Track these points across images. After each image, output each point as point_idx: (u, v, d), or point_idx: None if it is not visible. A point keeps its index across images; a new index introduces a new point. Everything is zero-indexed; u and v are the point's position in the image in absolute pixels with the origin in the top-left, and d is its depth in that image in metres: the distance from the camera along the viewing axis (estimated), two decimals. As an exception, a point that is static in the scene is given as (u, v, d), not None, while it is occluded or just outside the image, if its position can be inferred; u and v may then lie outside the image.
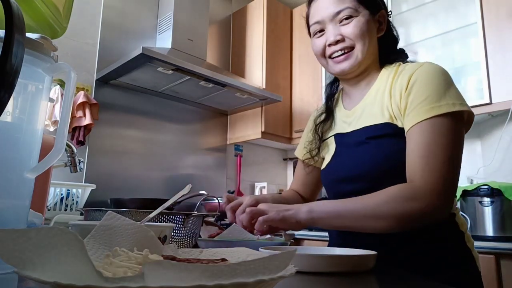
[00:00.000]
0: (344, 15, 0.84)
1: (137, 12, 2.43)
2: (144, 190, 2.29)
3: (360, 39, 0.84)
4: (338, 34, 0.85)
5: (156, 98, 2.45)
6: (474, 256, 0.81)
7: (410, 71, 0.80)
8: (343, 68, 0.86)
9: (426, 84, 0.76)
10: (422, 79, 0.77)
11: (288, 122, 2.86)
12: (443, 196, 0.70)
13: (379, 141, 0.81)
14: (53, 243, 0.25)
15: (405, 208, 0.69)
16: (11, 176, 0.46)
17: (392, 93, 0.82)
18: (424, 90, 0.75)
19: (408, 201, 0.69)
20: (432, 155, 0.71)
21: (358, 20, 0.84)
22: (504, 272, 1.51)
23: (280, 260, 0.26)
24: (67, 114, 0.52)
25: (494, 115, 2.09)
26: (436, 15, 2.28)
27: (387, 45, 0.92)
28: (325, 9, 0.86)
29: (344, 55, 0.86)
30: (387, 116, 0.82)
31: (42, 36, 0.54)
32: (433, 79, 0.76)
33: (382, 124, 0.82)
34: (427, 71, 0.78)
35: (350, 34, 0.84)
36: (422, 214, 0.69)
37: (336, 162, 0.91)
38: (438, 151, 0.71)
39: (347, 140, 0.90)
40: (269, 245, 0.78)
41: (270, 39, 2.78)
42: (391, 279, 0.57)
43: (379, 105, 0.84)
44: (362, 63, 0.86)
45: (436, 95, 0.74)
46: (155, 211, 0.72)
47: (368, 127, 0.84)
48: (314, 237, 2.21)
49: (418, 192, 0.70)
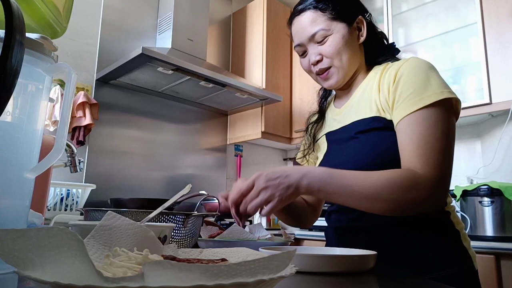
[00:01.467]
0: (319, 36, 0.87)
1: (137, 12, 2.43)
2: (144, 190, 2.29)
3: (336, 56, 0.87)
4: (318, 53, 0.89)
5: (156, 98, 2.45)
6: (471, 255, 0.81)
7: (396, 66, 0.82)
8: (330, 84, 0.91)
9: (413, 76, 0.77)
10: (408, 72, 0.79)
11: (288, 122, 2.86)
12: (442, 186, 0.72)
13: (368, 135, 0.83)
14: (53, 243, 0.25)
15: (407, 196, 0.70)
16: (11, 176, 0.46)
17: (380, 87, 0.84)
18: (411, 83, 0.77)
19: (411, 190, 0.70)
20: (428, 146, 0.72)
21: (333, 38, 0.87)
22: (504, 272, 1.51)
23: (280, 260, 0.26)
24: (67, 114, 0.52)
25: (494, 115, 2.09)
26: (436, 15, 2.28)
27: (373, 47, 0.94)
28: (302, 31, 0.90)
29: (326, 73, 0.89)
30: (374, 109, 0.83)
31: (42, 36, 0.54)
32: (419, 71, 0.78)
33: (370, 118, 0.84)
34: (412, 64, 0.80)
35: (327, 53, 0.87)
36: (422, 202, 0.71)
37: (328, 159, 0.93)
38: (432, 141, 0.72)
39: (337, 137, 0.92)
40: (269, 245, 0.78)
41: (270, 39, 2.79)
42: (391, 279, 0.57)
43: (367, 100, 0.86)
44: (346, 75, 0.90)
45: (423, 86, 0.76)
46: (155, 211, 0.72)
47: (357, 121, 0.86)
48: (314, 237, 2.22)
49: (420, 181, 0.70)
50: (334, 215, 0.93)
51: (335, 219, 0.92)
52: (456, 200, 1.89)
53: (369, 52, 0.94)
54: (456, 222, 0.83)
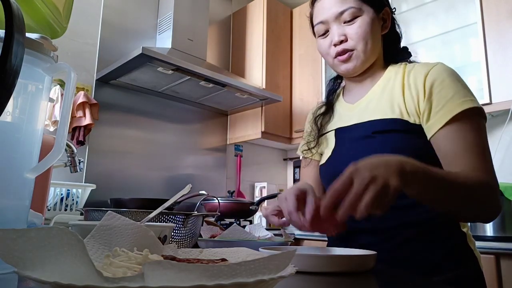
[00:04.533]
0: (348, 15, 0.84)
1: (137, 12, 2.43)
2: (144, 190, 2.29)
3: (362, 40, 0.84)
4: (342, 34, 0.85)
5: (156, 98, 2.45)
6: (476, 256, 0.80)
7: (422, 70, 0.81)
8: (348, 68, 0.87)
9: (450, 82, 0.77)
10: (443, 79, 0.78)
11: (288, 122, 2.86)
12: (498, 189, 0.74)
13: (386, 136, 0.80)
14: (53, 243, 0.25)
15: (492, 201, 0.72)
16: (11, 176, 0.46)
17: (405, 90, 0.82)
18: (450, 88, 0.77)
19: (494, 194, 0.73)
20: (484, 155, 0.74)
21: (362, 19, 0.84)
22: (504, 272, 1.51)
23: (280, 260, 0.26)
24: (67, 114, 0.52)
25: (494, 115, 2.09)
26: (436, 15, 2.28)
27: (391, 43, 0.93)
28: (328, 9, 0.86)
29: (347, 55, 0.85)
30: (397, 112, 0.81)
31: (42, 36, 0.54)
32: (454, 78, 0.78)
33: (391, 119, 0.81)
34: (444, 71, 0.79)
35: (353, 34, 0.84)
36: (494, 213, 0.74)
37: (337, 156, 0.89)
38: (484, 150, 0.74)
39: (349, 134, 0.89)
40: (269, 245, 0.78)
41: (270, 39, 2.78)
42: (391, 279, 0.57)
43: (388, 101, 0.84)
44: (366, 62, 0.87)
45: (463, 92, 0.76)
46: (155, 211, 0.72)
47: (375, 121, 0.83)
48: (314, 237, 2.22)
49: (494, 190, 0.73)
50: None
51: None
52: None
53: (387, 47, 0.92)
54: (462, 224, 0.82)
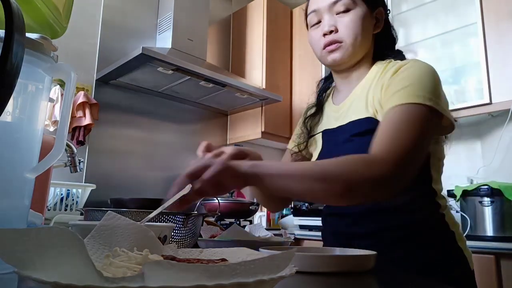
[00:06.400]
0: (341, 6, 0.85)
1: (137, 12, 2.43)
2: (144, 190, 2.29)
3: (352, 33, 0.84)
4: (333, 24, 0.85)
5: (156, 98, 2.45)
6: (466, 255, 0.80)
7: (399, 64, 0.80)
8: (335, 57, 0.86)
9: (413, 72, 0.75)
10: (409, 69, 0.76)
11: (288, 122, 2.86)
12: (401, 168, 0.64)
13: (362, 139, 0.79)
14: (53, 243, 0.25)
15: (357, 172, 0.63)
16: (11, 176, 0.46)
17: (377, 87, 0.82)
18: (409, 78, 0.74)
19: (362, 166, 0.63)
20: (398, 132, 0.67)
21: (354, 13, 0.84)
22: (504, 272, 1.51)
23: (280, 260, 0.26)
24: (67, 114, 0.52)
25: (494, 115, 2.09)
26: (436, 15, 2.28)
27: (384, 44, 0.92)
28: None
29: (335, 45, 0.86)
30: (371, 111, 0.81)
31: (42, 36, 0.54)
32: (423, 72, 0.75)
33: (364, 118, 0.81)
34: (417, 65, 0.77)
35: (344, 26, 0.84)
36: (375, 182, 0.63)
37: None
38: (404, 128, 0.67)
39: (334, 138, 0.89)
40: (269, 245, 0.78)
41: (270, 39, 2.78)
42: (391, 279, 0.57)
43: (364, 100, 0.84)
44: (353, 56, 0.87)
45: (420, 86, 0.72)
46: (155, 211, 0.71)
47: (353, 122, 0.84)
48: (314, 237, 2.22)
49: (375, 159, 0.65)
50: (330, 219, 0.91)
51: (332, 223, 0.91)
52: (456, 200, 1.89)
53: (379, 48, 0.92)
54: (452, 223, 0.81)
